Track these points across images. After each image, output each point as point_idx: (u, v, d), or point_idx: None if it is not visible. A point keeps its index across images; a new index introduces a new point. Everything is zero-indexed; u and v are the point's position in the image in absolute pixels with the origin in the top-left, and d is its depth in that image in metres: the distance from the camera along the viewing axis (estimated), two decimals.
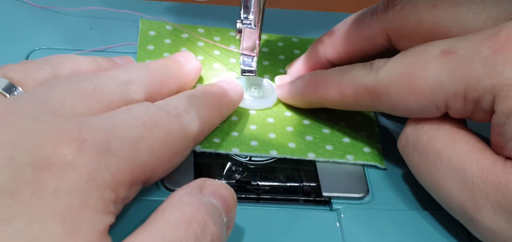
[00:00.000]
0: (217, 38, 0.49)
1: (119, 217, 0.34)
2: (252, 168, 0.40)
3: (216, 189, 0.34)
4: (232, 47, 0.49)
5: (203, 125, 0.38)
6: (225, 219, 0.33)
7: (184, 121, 0.37)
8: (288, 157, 0.40)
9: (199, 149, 0.40)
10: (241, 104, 0.44)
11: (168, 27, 0.50)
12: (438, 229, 0.38)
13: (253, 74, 0.44)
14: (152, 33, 0.49)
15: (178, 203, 0.32)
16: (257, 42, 0.44)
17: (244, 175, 0.40)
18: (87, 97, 0.35)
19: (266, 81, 0.46)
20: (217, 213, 0.33)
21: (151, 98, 0.38)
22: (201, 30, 0.50)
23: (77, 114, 0.34)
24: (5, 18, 0.50)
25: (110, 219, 0.31)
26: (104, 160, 0.31)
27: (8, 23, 0.49)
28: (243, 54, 0.44)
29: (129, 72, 0.38)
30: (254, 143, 0.41)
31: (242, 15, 0.44)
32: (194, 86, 0.44)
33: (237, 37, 0.44)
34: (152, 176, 0.35)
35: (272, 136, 0.42)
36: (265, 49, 0.50)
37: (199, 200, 0.32)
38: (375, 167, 0.41)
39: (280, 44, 0.50)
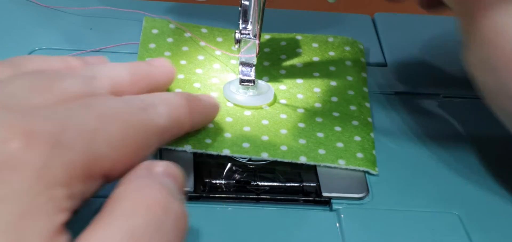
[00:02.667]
0: (219, 39, 0.49)
1: None
2: (252, 168, 0.40)
3: (167, 169, 0.32)
4: (234, 49, 0.49)
5: (171, 121, 0.36)
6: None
7: (148, 115, 0.34)
8: (279, 159, 0.40)
9: (190, 149, 0.40)
10: (238, 102, 0.44)
11: (171, 25, 0.50)
12: (438, 229, 0.38)
13: (252, 84, 0.44)
14: (154, 31, 0.49)
15: (133, 186, 0.31)
16: (257, 42, 0.44)
17: (244, 175, 0.40)
18: (42, 91, 0.32)
19: (261, 81, 0.46)
20: (175, 190, 0.32)
21: (117, 95, 0.36)
22: (204, 30, 0.50)
23: (28, 107, 0.31)
24: (6, 17, 0.50)
25: (63, 217, 0.29)
26: (55, 153, 0.29)
27: (9, 23, 0.49)
28: (242, 64, 0.44)
29: (94, 70, 0.37)
30: (246, 145, 0.41)
31: (240, 25, 0.44)
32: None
33: (236, 47, 0.44)
34: (112, 171, 0.32)
35: (265, 138, 0.42)
36: (267, 49, 0.49)
37: (154, 180, 0.31)
38: (368, 172, 0.41)
39: (283, 43, 0.50)
